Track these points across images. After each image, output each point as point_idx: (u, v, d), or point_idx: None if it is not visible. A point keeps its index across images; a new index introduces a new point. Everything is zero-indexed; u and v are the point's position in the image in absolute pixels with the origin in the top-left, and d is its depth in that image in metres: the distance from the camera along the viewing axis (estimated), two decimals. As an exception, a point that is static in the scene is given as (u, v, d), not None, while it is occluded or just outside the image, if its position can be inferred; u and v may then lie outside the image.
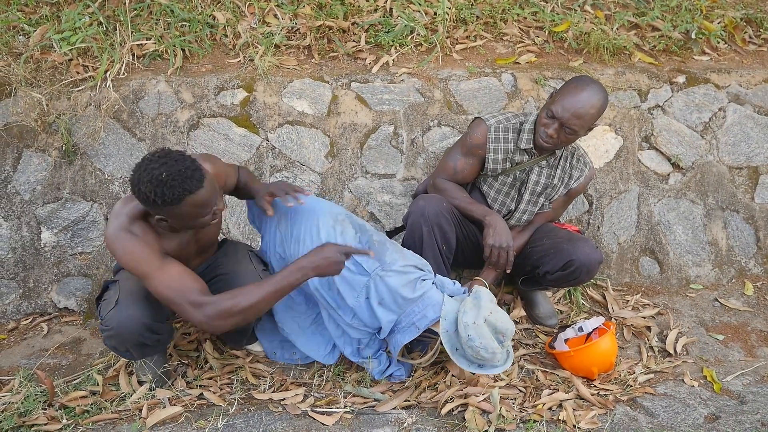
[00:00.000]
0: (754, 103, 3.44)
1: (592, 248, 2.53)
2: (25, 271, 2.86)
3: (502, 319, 2.22)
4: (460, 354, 2.23)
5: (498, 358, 2.22)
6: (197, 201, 1.94)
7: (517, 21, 3.57)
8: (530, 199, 2.62)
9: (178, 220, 2.00)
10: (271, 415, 2.23)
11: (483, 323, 2.18)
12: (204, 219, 2.03)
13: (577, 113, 2.36)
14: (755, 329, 2.95)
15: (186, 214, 1.96)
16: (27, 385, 2.35)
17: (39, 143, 2.88)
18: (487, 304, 2.24)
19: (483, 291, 2.29)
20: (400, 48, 3.30)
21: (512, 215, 2.66)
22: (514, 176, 2.61)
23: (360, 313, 2.33)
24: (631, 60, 3.48)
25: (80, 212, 2.88)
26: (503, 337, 2.21)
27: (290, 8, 3.34)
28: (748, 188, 3.38)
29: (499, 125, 2.56)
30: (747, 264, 3.31)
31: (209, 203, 1.99)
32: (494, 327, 2.19)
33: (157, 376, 2.34)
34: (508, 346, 2.27)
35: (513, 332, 2.24)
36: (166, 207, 1.92)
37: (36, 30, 3.04)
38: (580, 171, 2.64)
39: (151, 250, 2.00)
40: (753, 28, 3.82)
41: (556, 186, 2.62)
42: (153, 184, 1.87)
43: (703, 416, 2.31)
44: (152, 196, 1.88)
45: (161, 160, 1.90)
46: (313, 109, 3.04)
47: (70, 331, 2.78)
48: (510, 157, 2.57)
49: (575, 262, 2.50)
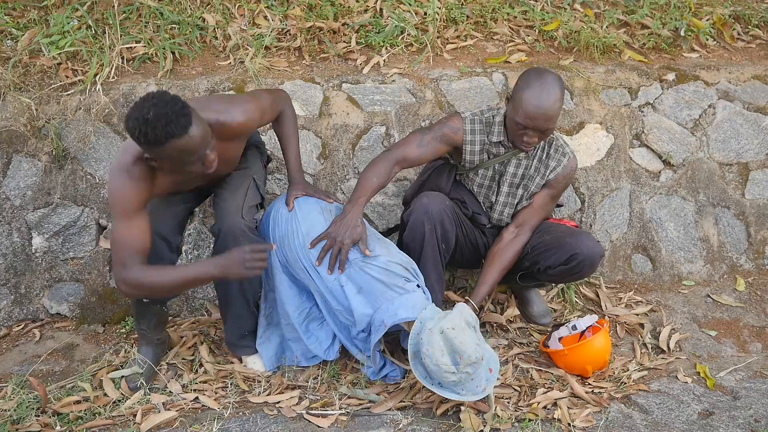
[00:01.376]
0: (744, 99, 3.45)
1: (594, 242, 2.53)
2: (17, 277, 2.85)
3: (463, 341, 2.09)
4: (418, 361, 2.18)
5: (450, 379, 2.10)
6: (180, 146, 1.94)
7: (507, 20, 3.58)
8: (509, 191, 2.60)
9: (165, 163, 2.02)
10: (266, 418, 2.22)
11: (438, 333, 2.11)
12: (192, 166, 2.04)
13: (546, 116, 2.33)
14: (747, 324, 2.96)
15: (171, 157, 1.98)
16: (20, 391, 2.34)
17: (29, 148, 2.86)
18: (456, 319, 2.15)
19: (463, 307, 2.24)
20: (390, 48, 3.30)
21: (493, 208, 2.64)
22: (493, 169, 2.59)
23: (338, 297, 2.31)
24: (621, 58, 3.49)
25: (71, 217, 2.86)
26: (460, 359, 2.09)
27: (280, 10, 3.33)
28: (739, 184, 3.40)
29: (474, 117, 2.55)
30: (738, 260, 3.33)
31: (195, 150, 1.98)
32: (450, 343, 2.09)
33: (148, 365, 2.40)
34: (467, 371, 2.11)
35: (473, 359, 2.09)
36: (150, 147, 1.95)
37: (24, 34, 3.02)
38: (557, 161, 2.59)
39: (132, 199, 2.07)
40: (741, 25, 3.84)
41: (532, 176, 2.59)
42: (139, 122, 1.90)
43: (696, 412, 2.32)
44: (137, 133, 1.92)
45: (153, 101, 1.92)
46: (305, 111, 3.03)
47: (63, 337, 2.77)
48: (486, 148, 2.56)
49: (579, 256, 2.49)
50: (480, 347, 2.15)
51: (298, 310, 2.46)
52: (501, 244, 2.63)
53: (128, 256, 2.06)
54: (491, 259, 2.62)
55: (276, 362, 2.53)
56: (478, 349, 2.13)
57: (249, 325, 2.52)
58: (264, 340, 2.53)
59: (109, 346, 2.70)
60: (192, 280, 2.14)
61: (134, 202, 2.08)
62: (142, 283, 2.07)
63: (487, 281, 2.59)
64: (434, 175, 2.70)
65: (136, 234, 2.09)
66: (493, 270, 2.60)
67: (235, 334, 2.52)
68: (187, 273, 2.14)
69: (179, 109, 1.93)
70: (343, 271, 2.31)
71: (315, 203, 2.46)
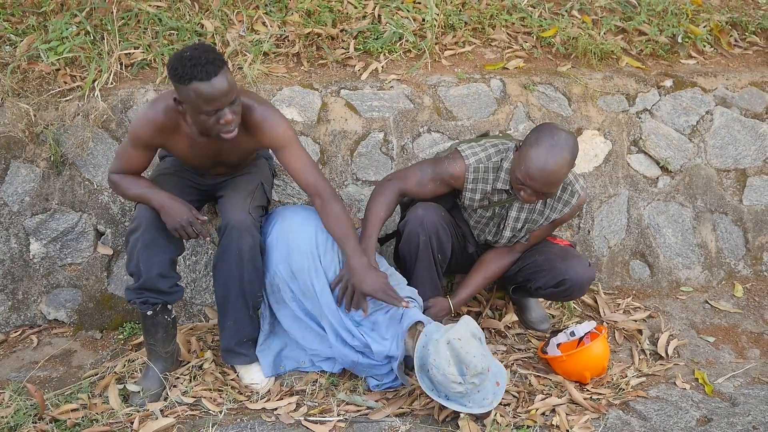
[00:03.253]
0: (741, 106, 3.47)
1: (584, 266, 2.52)
2: (14, 283, 2.84)
3: (469, 351, 2.10)
4: (424, 374, 2.18)
5: (456, 390, 2.11)
6: (201, 91, 2.03)
7: (505, 27, 3.59)
8: (511, 235, 2.55)
9: (188, 108, 2.12)
10: (264, 425, 2.22)
11: (445, 343, 2.12)
12: (208, 120, 2.10)
13: (548, 180, 2.19)
14: (745, 331, 2.97)
15: (190, 101, 2.07)
16: (17, 398, 2.33)
17: (27, 154, 2.86)
18: (461, 330, 2.16)
19: (468, 320, 2.23)
20: (388, 55, 3.30)
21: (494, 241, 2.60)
22: (493, 212, 2.52)
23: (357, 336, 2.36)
24: (619, 64, 3.50)
25: (69, 223, 2.86)
26: (466, 369, 2.09)
27: (278, 16, 3.34)
28: (736, 190, 3.41)
29: (479, 165, 2.40)
30: (736, 266, 3.33)
31: (213, 100, 2.05)
32: (457, 353, 2.10)
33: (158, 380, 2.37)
34: (473, 381, 2.11)
35: (479, 369, 2.10)
36: (175, 83, 2.07)
37: (23, 40, 3.02)
38: (565, 203, 2.48)
39: (146, 132, 2.23)
40: (738, 32, 3.86)
41: (536, 220, 2.52)
42: (176, 56, 2.06)
43: (695, 419, 2.32)
44: (170, 68, 2.06)
45: (198, 45, 2.10)
46: (303, 117, 3.04)
47: (61, 343, 2.76)
48: (488, 196, 2.47)
49: (568, 281, 2.49)
50: (486, 358, 2.15)
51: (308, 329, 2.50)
52: (491, 254, 2.63)
53: (118, 168, 2.32)
54: (478, 266, 2.62)
55: (275, 370, 2.51)
56: (483, 360, 2.13)
57: (248, 330, 2.46)
58: (264, 348, 2.52)
59: (107, 353, 2.70)
60: (143, 200, 2.31)
61: (146, 138, 2.25)
62: (115, 185, 2.35)
63: (468, 285, 2.61)
64: None
65: (133, 164, 2.31)
66: (478, 277, 2.61)
67: (233, 339, 2.45)
68: (143, 195, 2.30)
69: (213, 58, 2.04)
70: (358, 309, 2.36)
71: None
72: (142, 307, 2.35)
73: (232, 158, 2.42)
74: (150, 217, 2.29)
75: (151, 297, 2.33)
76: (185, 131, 2.26)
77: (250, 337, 2.48)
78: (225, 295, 2.41)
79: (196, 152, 2.33)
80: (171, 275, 2.37)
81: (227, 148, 2.32)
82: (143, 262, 2.28)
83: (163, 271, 2.32)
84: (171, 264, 2.37)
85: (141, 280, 2.30)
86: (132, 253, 2.30)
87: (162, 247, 2.31)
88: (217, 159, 2.39)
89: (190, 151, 2.32)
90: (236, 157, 2.43)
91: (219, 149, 2.33)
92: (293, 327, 2.48)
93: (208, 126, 2.13)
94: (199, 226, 2.28)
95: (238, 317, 2.43)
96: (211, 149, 2.32)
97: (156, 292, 2.33)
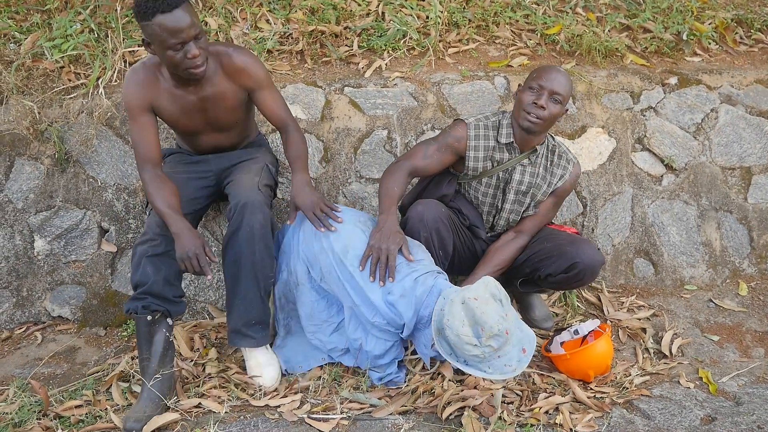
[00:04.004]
0: (746, 103, 3.45)
1: (594, 250, 2.52)
2: (19, 280, 2.85)
3: (486, 311, 2.05)
4: (443, 337, 2.14)
5: (472, 352, 2.06)
6: (164, 23, 2.09)
7: (509, 24, 3.58)
8: (516, 198, 2.59)
9: (155, 46, 2.16)
10: (267, 422, 2.22)
11: (460, 303, 2.08)
12: (176, 56, 2.15)
13: (560, 82, 2.42)
14: (750, 329, 2.96)
15: (156, 37, 2.12)
16: (21, 395, 2.34)
17: (31, 151, 2.87)
18: (479, 290, 2.11)
19: (489, 280, 2.18)
20: (392, 52, 3.30)
21: (499, 215, 2.64)
22: (497, 177, 2.58)
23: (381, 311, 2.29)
24: (623, 62, 3.49)
25: (73, 220, 2.87)
26: (482, 330, 2.04)
27: (282, 13, 3.34)
28: (741, 189, 3.39)
29: (479, 123, 2.55)
30: (741, 264, 3.32)
31: (177, 32, 2.11)
32: (472, 313, 2.05)
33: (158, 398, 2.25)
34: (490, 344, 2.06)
35: (496, 331, 2.04)
36: (140, 22, 2.13)
37: (27, 38, 3.03)
38: (564, 168, 2.60)
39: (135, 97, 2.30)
40: (744, 29, 3.84)
41: (539, 185, 2.58)
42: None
43: (699, 418, 2.32)
44: (135, 5, 2.12)
45: None
46: (307, 114, 3.03)
47: (65, 340, 2.77)
48: (490, 154, 2.55)
49: (579, 264, 2.48)
50: (505, 320, 2.08)
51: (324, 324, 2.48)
52: (499, 243, 2.64)
53: (140, 157, 2.34)
54: (486, 257, 2.62)
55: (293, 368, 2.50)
56: (502, 321, 2.07)
57: (258, 312, 2.39)
58: (282, 345, 2.53)
59: (111, 349, 2.70)
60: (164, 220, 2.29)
61: (137, 100, 2.30)
62: (145, 185, 2.34)
63: (478, 275, 2.58)
64: (433, 183, 2.69)
65: (145, 137, 2.33)
66: (487, 267, 2.59)
67: (242, 319, 2.37)
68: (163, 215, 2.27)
69: None
70: (394, 279, 2.30)
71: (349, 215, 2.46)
72: (142, 312, 2.26)
73: (220, 113, 2.42)
74: (160, 228, 2.28)
75: (153, 302, 2.27)
76: (164, 86, 2.32)
77: (259, 320, 2.40)
78: (235, 273, 2.36)
79: (181, 106, 2.36)
80: (177, 285, 2.34)
81: (211, 98, 2.36)
82: (150, 269, 2.25)
83: (170, 279, 2.29)
84: (178, 275, 2.34)
85: (145, 286, 2.25)
86: (139, 263, 2.27)
87: (171, 258, 2.28)
88: (206, 116, 2.41)
89: (175, 106, 2.35)
90: (224, 110, 2.42)
91: (203, 101, 2.36)
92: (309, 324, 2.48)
93: (176, 62, 2.17)
94: (204, 260, 2.22)
95: (247, 296, 2.36)
96: (194, 103, 2.37)
97: (159, 298, 2.27)
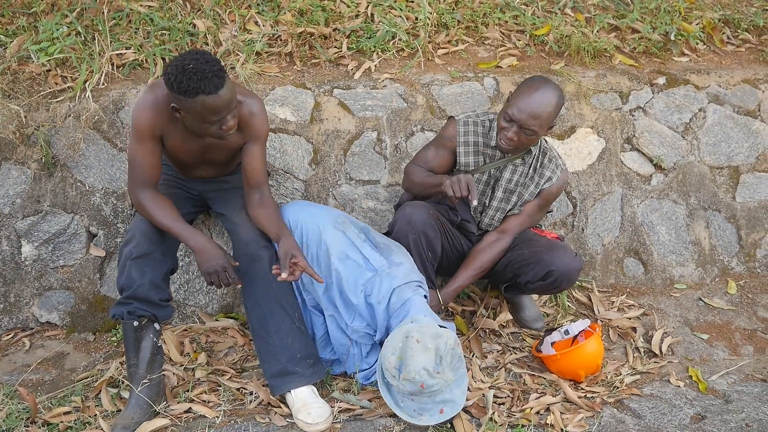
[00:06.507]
0: (734, 103, 3.47)
1: (570, 256, 2.53)
2: (6, 286, 2.82)
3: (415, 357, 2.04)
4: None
5: (391, 381, 2.10)
6: (208, 104, 2.04)
7: (498, 25, 3.58)
8: (503, 196, 2.61)
9: (189, 117, 2.12)
10: (258, 426, 2.21)
11: (403, 334, 2.09)
12: (211, 128, 2.13)
13: (534, 113, 2.34)
14: (739, 327, 2.97)
15: (195, 112, 2.07)
16: (9, 402, 2.31)
17: (18, 156, 2.84)
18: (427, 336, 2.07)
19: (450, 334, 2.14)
20: (381, 54, 3.30)
21: (485, 212, 2.65)
22: (488, 174, 2.60)
23: (361, 311, 2.32)
24: (612, 62, 3.50)
25: (61, 225, 2.84)
26: (404, 369, 2.05)
27: (271, 15, 3.33)
28: (730, 187, 3.41)
29: (468, 119, 2.59)
30: (730, 263, 3.34)
31: (219, 113, 2.08)
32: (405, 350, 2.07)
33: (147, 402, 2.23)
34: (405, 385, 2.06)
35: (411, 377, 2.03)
36: (179, 96, 2.04)
37: (13, 41, 3.00)
38: (552, 171, 2.60)
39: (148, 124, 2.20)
40: (731, 29, 3.86)
41: (527, 184, 2.60)
42: (177, 70, 2.01)
43: (689, 416, 2.33)
44: (172, 79, 2.02)
45: (197, 55, 2.05)
46: (296, 117, 3.03)
47: (53, 346, 2.75)
48: (481, 150, 2.57)
49: (555, 272, 2.50)
50: (429, 375, 2.04)
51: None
52: (481, 245, 2.66)
53: (137, 178, 2.25)
54: (469, 259, 2.64)
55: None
56: (423, 373, 2.04)
57: (299, 345, 2.28)
58: None
59: (100, 355, 2.68)
60: (176, 235, 2.26)
61: (149, 126, 2.20)
62: (142, 206, 2.26)
63: (459, 278, 2.63)
64: None
65: (149, 162, 2.25)
66: (469, 269, 2.63)
67: (283, 355, 2.25)
68: (176, 229, 2.24)
69: (217, 70, 2.03)
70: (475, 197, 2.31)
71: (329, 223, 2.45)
72: (128, 318, 2.23)
73: (220, 156, 2.43)
74: (145, 230, 2.26)
75: (139, 307, 2.23)
76: (177, 123, 2.25)
77: (304, 353, 2.29)
78: (261, 315, 2.29)
79: (188, 146, 2.33)
80: (163, 288, 2.31)
81: (216, 143, 2.33)
82: (135, 272, 2.23)
83: (156, 282, 2.26)
84: (164, 277, 2.32)
85: (131, 290, 2.23)
86: (124, 265, 2.24)
87: (156, 261, 2.27)
88: (206, 155, 2.40)
89: (183, 144, 2.32)
90: (224, 153, 2.43)
91: (210, 145, 2.35)
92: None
93: (209, 133, 2.16)
94: (233, 273, 2.24)
95: (281, 329, 2.27)
96: (202, 144, 2.34)
97: (146, 303, 2.24)
